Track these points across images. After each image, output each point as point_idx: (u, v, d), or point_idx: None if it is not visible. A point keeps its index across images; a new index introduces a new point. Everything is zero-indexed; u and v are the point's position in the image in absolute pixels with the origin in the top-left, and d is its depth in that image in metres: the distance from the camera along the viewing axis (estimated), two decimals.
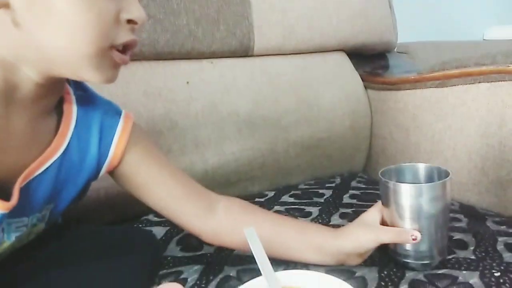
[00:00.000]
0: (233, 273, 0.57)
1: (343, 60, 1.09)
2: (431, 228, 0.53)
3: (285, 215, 0.73)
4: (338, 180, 0.97)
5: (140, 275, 0.54)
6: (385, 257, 0.57)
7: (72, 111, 0.52)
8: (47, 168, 0.48)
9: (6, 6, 0.40)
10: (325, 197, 0.85)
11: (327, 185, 0.93)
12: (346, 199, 0.84)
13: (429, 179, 0.57)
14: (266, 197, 0.88)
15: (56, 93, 0.49)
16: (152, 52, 0.86)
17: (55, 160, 0.49)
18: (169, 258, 0.63)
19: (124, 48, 0.45)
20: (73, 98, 0.52)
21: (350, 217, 0.74)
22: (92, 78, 0.45)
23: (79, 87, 0.54)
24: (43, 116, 0.49)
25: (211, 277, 0.57)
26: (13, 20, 0.40)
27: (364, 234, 0.54)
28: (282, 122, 0.96)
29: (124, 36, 0.44)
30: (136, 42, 0.46)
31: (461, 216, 0.73)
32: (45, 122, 0.49)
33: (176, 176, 0.59)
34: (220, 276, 0.57)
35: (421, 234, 0.52)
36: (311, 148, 1.00)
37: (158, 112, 0.85)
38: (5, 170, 0.45)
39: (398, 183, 0.53)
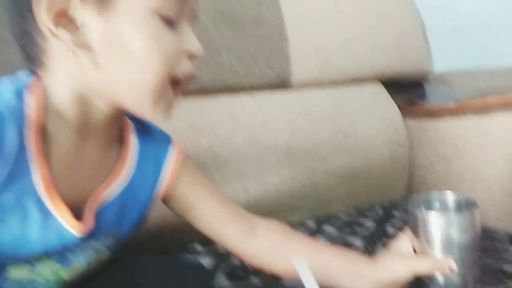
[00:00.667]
0: None
1: (379, 90, 1.10)
2: (463, 258, 0.51)
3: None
4: (379, 210, 0.96)
5: None
6: None
7: (131, 140, 0.56)
8: (114, 193, 0.52)
9: (88, 48, 0.44)
10: (367, 227, 0.85)
11: (368, 215, 0.93)
12: (389, 229, 0.83)
13: (458, 207, 0.56)
14: (306, 226, 0.88)
15: (119, 123, 0.54)
16: (196, 88, 0.91)
17: (121, 186, 0.53)
18: None
19: (182, 82, 0.49)
20: (132, 128, 0.56)
21: None
22: (152, 113, 0.48)
23: (134, 118, 0.57)
24: (109, 144, 0.53)
25: None
26: (93, 61, 0.44)
27: (400, 265, 0.53)
28: (320, 153, 0.97)
29: (183, 67, 0.48)
30: (194, 74, 0.50)
31: (509, 247, 0.71)
32: (111, 150, 0.54)
33: (219, 199, 0.63)
34: None
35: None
36: (350, 178, 1.00)
37: (202, 145, 0.89)
38: (78, 195, 0.49)
39: (428, 211, 0.53)
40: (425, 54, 1.17)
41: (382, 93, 1.10)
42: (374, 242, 0.77)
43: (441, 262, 0.51)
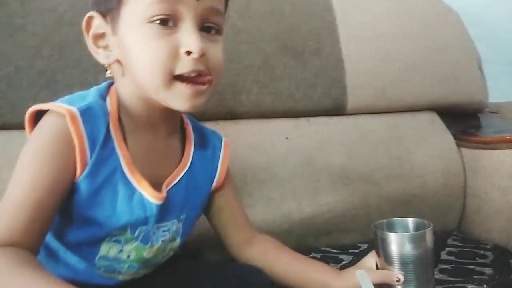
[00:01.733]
0: None
1: (434, 119, 1.12)
2: (417, 272, 0.60)
3: None
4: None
5: None
6: None
7: (191, 134, 0.68)
8: (180, 178, 0.63)
9: (120, 63, 0.57)
10: None
11: None
12: (443, 255, 0.84)
13: (415, 230, 0.65)
14: (359, 249, 0.91)
15: (175, 117, 0.64)
16: (258, 111, 0.98)
17: (185, 173, 0.64)
18: None
19: (193, 78, 0.53)
20: (190, 125, 0.69)
21: (450, 273, 0.74)
22: (176, 106, 0.55)
23: (193, 120, 0.71)
24: (171, 136, 0.64)
25: None
26: (122, 72, 0.57)
27: None
28: (375, 177, 1.00)
29: (183, 67, 0.53)
30: (201, 71, 0.54)
31: None
32: (174, 141, 0.65)
33: (239, 205, 0.74)
34: None
35: (407, 278, 0.59)
36: (404, 204, 1.01)
37: (261, 165, 0.95)
38: (153, 174, 0.59)
39: (385, 232, 0.62)
40: (481, 86, 1.18)
41: (437, 122, 1.12)
42: None
43: (391, 274, 0.60)
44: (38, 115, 0.56)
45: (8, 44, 0.81)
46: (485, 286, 0.67)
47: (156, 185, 0.59)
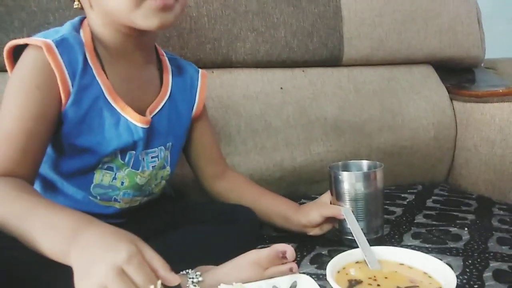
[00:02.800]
0: (324, 251, 0.64)
1: (430, 72, 1.12)
2: (367, 208, 0.64)
3: None
4: (420, 188, 1.00)
5: (244, 243, 0.63)
6: (469, 249, 0.61)
7: (167, 64, 0.70)
8: (162, 106, 0.66)
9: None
10: (408, 200, 0.89)
11: (409, 191, 0.96)
12: (429, 203, 0.87)
13: (367, 170, 0.70)
14: None
15: (149, 45, 0.66)
16: (253, 60, 0.97)
17: (166, 101, 0.67)
18: (265, 236, 0.72)
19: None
20: (166, 57, 0.71)
21: (434, 218, 0.77)
22: (145, 24, 0.55)
23: (168, 53, 0.73)
24: (147, 65, 0.67)
25: (304, 253, 0.64)
26: (90, 3, 0.58)
27: (312, 210, 0.67)
28: (366, 129, 1.01)
29: None
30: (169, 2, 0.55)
31: None
32: (151, 70, 0.68)
33: (213, 140, 0.78)
34: (313, 253, 0.64)
35: (355, 213, 0.64)
36: (394, 155, 1.04)
37: (255, 113, 0.95)
38: (134, 102, 0.62)
39: (337, 171, 0.67)
40: (478, 41, 1.17)
41: (432, 75, 1.12)
42: (413, 212, 0.81)
43: (337, 209, 0.65)
44: (16, 52, 0.58)
45: None
46: (466, 229, 0.70)
47: (140, 112, 0.63)
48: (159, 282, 0.40)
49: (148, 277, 0.40)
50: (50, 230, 0.45)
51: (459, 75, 1.16)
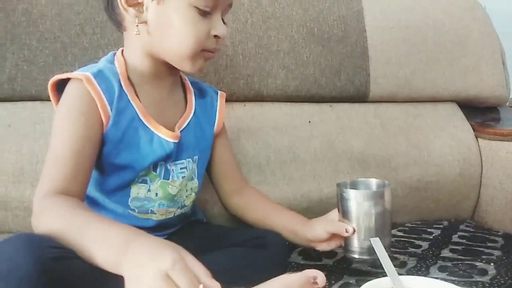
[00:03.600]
0: (352, 281, 0.66)
1: (455, 110, 1.15)
2: (373, 227, 0.65)
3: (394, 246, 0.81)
4: (445, 223, 1.01)
5: (274, 267, 0.65)
6: (495, 283, 0.62)
7: (190, 87, 0.79)
8: (188, 122, 0.75)
9: (145, 22, 0.66)
10: (433, 235, 0.90)
11: (435, 226, 0.97)
12: (455, 238, 0.88)
13: (376, 189, 0.71)
14: None
15: (176, 72, 0.73)
16: (283, 95, 1.03)
17: (191, 118, 0.75)
18: (292, 264, 0.74)
19: (211, 53, 0.68)
20: (188, 81, 0.80)
21: (460, 253, 0.78)
22: (187, 68, 0.68)
23: (190, 77, 0.82)
24: (174, 88, 0.76)
25: (332, 282, 0.66)
26: (147, 31, 0.66)
27: (317, 225, 0.71)
28: (393, 163, 1.04)
29: (210, 44, 0.67)
30: (217, 51, 0.70)
31: None
32: (177, 92, 0.76)
33: (232, 156, 0.85)
34: (341, 282, 0.66)
35: (361, 232, 0.65)
36: (420, 190, 1.05)
37: (284, 145, 0.99)
38: (164, 123, 0.70)
39: (344, 189, 0.68)
40: (503, 81, 1.20)
41: (457, 113, 1.15)
42: (439, 246, 0.82)
43: (342, 226, 0.67)
44: (59, 86, 0.67)
45: (55, 22, 0.87)
46: (492, 264, 0.71)
47: (170, 128, 0.71)
48: (201, 286, 0.44)
49: (191, 282, 0.44)
50: (104, 243, 0.50)
51: (484, 113, 1.18)
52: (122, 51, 0.71)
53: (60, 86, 0.67)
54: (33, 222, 0.55)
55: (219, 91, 0.84)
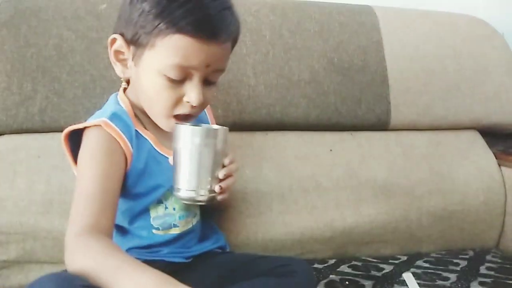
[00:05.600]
0: None
1: (476, 138, 1.14)
2: (193, 164, 0.64)
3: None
4: (471, 253, 0.99)
5: None
6: None
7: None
8: None
9: (130, 78, 0.70)
10: (460, 266, 0.89)
11: (460, 256, 0.96)
12: (482, 270, 0.86)
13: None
14: (400, 260, 0.94)
15: None
16: (304, 124, 1.04)
17: None
18: None
19: (186, 116, 0.68)
20: None
21: (489, 286, 0.77)
22: (161, 125, 0.70)
23: None
24: None
25: None
26: (132, 86, 0.71)
27: None
28: (416, 192, 1.03)
29: (183, 109, 0.67)
30: (193, 115, 0.69)
31: None
32: None
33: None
34: None
35: (186, 168, 0.64)
36: (444, 219, 1.04)
37: (306, 174, 1.00)
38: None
39: (177, 124, 0.66)
40: None
41: (478, 140, 1.14)
42: (468, 278, 0.80)
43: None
44: (71, 137, 0.68)
45: (85, 56, 0.90)
46: None
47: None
48: None
49: None
50: None
51: (506, 140, 1.18)
52: (124, 90, 0.74)
53: (72, 137, 0.68)
54: (67, 261, 0.55)
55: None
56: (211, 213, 0.86)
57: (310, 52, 1.05)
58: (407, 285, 0.62)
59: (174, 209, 0.74)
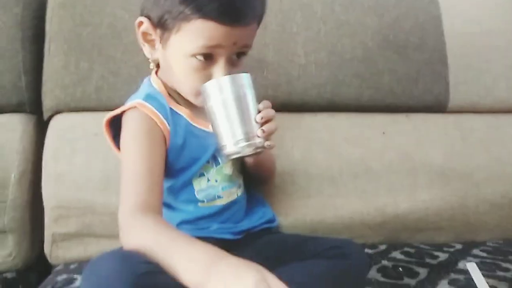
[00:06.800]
0: None
1: None
2: (229, 115, 0.62)
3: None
4: None
5: (357, 279, 0.65)
6: None
7: None
8: None
9: (157, 59, 0.72)
10: None
11: None
12: None
13: None
14: (454, 249, 0.90)
15: None
16: (355, 105, 1.00)
17: None
18: (372, 281, 0.72)
19: None
20: None
21: None
22: (193, 102, 0.70)
23: None
24: None
25: None
26: (161, 67, 0.73)
27: None
28: (474, 178, 0.98)
29: None
30: None
31: None
32: None
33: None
34: None
35: (224, 122, 0.62)
36: (502, 207, 0.99)
37: (355, 157, 0.97)
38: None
39: (203, 84, 0.63)
40: None
41: None
42: None
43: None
44: (111, 123, 0.71)
45: None
46: None
47: None
48: None
49: None
50: (190, 263, 0.51)
51: None
52: (156, 72, 0.75)
53: (113, 123, 0.70)
54: (122, 240, 0.57)
55: None
56: (256, 185, 0.86)
57: (364, 28, 1.00)
58: (470, 275, 0.59)
59: (216, 180, 0.75)
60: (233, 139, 0.63)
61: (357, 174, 0.96)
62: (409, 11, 1.03)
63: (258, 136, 0.63)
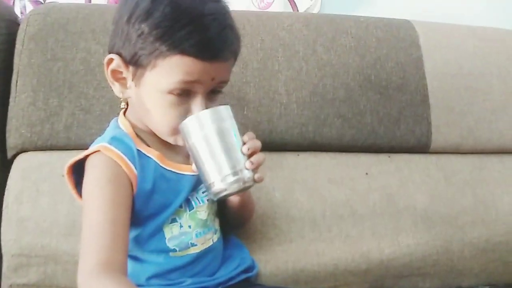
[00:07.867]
0: None
1: None
2: (214, 149, 0.60)
3: None
4: None
5: None
6: None
7: None
8: None
9: (129, 98, 0.68)
10: None
11: None
12: None
13: None
14: None
15: None
16: (338, 145, 0.98)
17: None
18: None
19: None
20: None
21: None
22: (170, 141, 0.67)
23: None
24: None
25: None
26: (134, 108, 0.69)
27: None
28: (459, 221, 0.95)
29: None
30: None
31: None
32: None
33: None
34: None
35: (209, 158, 0.60)
36: (487, 251, 0.96)
37: (340, 199, 0.93)
38: (180, 160, 0.70)
39: (182, 122, 0.62)
40: None
41: None
42: None
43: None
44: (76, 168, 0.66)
45: None
46: None
47: (185, 163, 0.70)
48: None
49: None
50: None
51: None
52: (124, 113, 0.72)
53: (77, 169, 0.66)
54: None
55: None
56: (233, 229, 0.81)
57: (346, 68, 0.99)
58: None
59: (189, 226, 0.69)
60: (219, 175, 0.60)
61: (342, 216, 0.92)
62: (390, 52, 1.03)
63: (247, 169, 0.60)
